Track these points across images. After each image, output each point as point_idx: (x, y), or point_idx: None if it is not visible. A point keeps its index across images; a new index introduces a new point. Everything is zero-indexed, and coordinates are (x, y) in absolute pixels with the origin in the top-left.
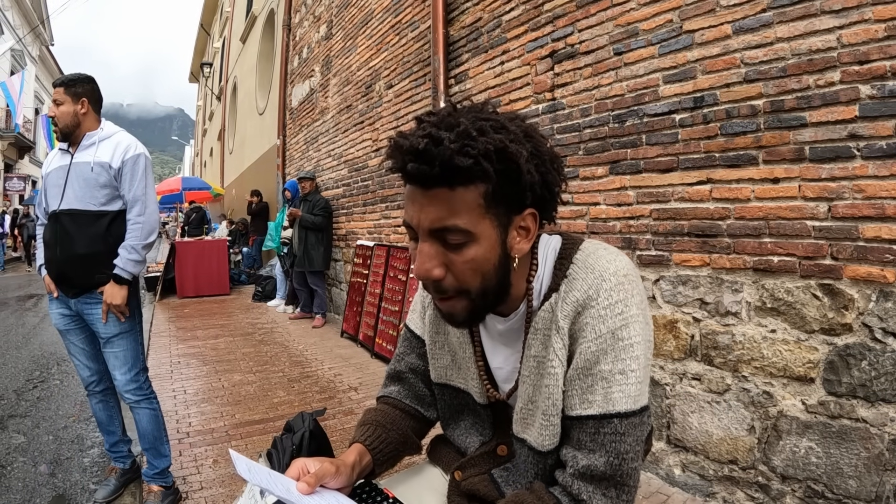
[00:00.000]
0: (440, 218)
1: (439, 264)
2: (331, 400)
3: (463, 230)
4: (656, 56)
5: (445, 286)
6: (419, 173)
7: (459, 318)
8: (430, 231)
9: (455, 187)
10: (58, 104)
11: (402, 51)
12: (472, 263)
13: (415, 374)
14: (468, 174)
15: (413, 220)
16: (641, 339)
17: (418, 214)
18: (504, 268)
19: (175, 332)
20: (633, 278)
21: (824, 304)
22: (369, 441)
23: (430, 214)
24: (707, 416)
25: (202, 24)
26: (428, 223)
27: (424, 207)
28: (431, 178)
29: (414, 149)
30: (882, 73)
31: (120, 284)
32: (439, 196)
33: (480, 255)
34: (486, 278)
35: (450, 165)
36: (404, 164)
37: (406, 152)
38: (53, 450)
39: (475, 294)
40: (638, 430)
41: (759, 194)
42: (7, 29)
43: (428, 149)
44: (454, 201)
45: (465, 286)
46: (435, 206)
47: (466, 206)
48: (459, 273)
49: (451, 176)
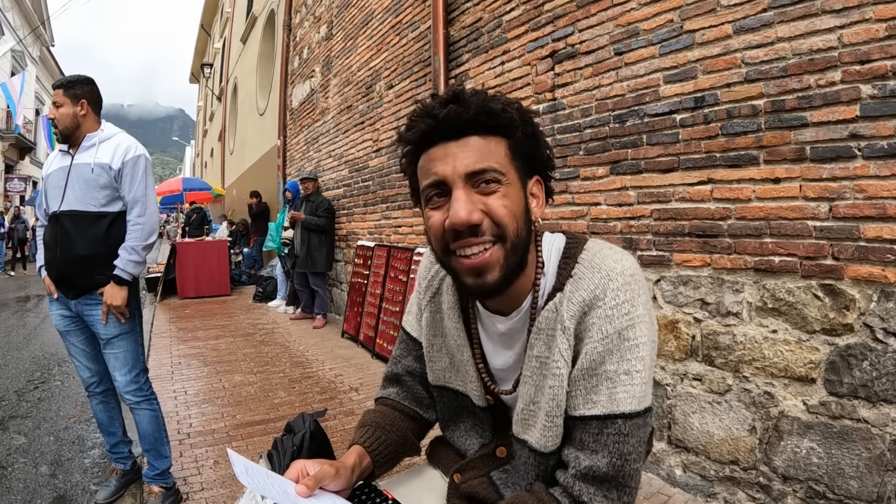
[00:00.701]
0: (477, 160)
1: (477, 209)
2: (332, 400)
3: (499, 171)
4: (657, 56)
5: (483, 229)
6: (455, 115)
7: (493, 271)
8: (468, 175)
9: (487, 136)
10: (57, 106)
11: (402, 51)
12: (507, 205)
13: (412, 376)
14: (497, 122)
15: (447, 171)
16: (647, 339)
17: (452, 163)
18: (528, 225)
19: (176, 332)
20: (638, 278)
21: (825, 304)
22: (368, 443)
23: (467, 159)
24: (708, 416)
25: (202, 24)
26: (463, 168)
27: (458, 155)
28: (466, 123)
29: (446, 99)
30: (883, 73)
31: (120, 285)
32: (472, 143)
33: (513, 200)
34: (519, 226)
35: (484, 108)
36: (434, 117)
37: (436, 105)
38: (54, 451)
39: (511, 239)
40: (641, 432)
41: (759, 194)
42: (7, 30)
43: (461, 97)
44: (487, 147)
45: (502, 229)
46: (469, 151)
47: (498, 153)
48: (497, 212)
49: (484, 121)
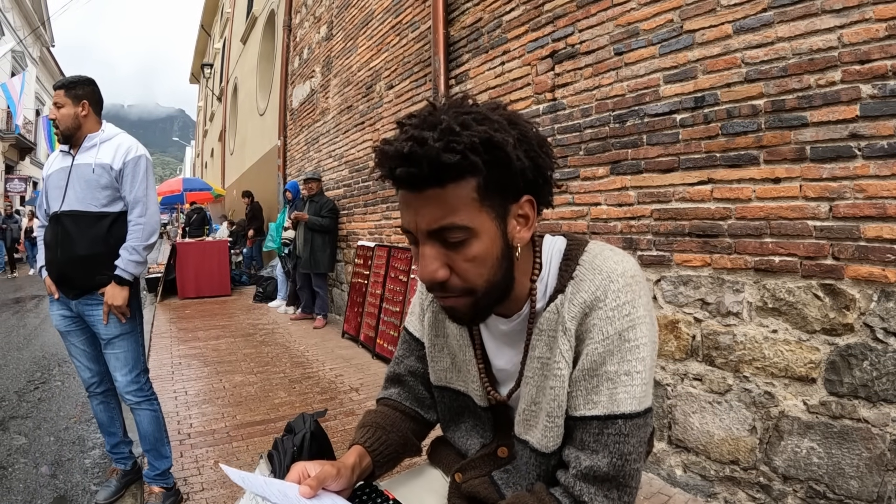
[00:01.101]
0: (437, 218)
1: (442, 265)
2: (332, 401)
3: (461, 227)
4: (657, 56)
5: (451, 286)
6: (408, 176)
7: (463, 315)
8: (429, 233)
9: (446, 185)
10: (58, 107)
11: (402, 51)
12: (475, 260)
13: (414, 376)
14: (457, 170)
15: (410, 225)
16: (648, 340)
17: (414, 218)
18: (508, 260)
19: (176, 332)
20: (639, 280)
21: (825, 304)
22: (369, 443)
23: (426, 216)
24: (708, 416)
25: (203, 24)
26: (425, 225)
27: (419, 210)
28: (421, 180)
29: (399, 153)
30: (883, 73)
31: (121, 285)
32: (432, 196)
33: (483, 250)
34: (491, 273)
35: (437, 164)
36: (392, 169)
37: (392, 158)
38: (55, 451)
39: (481, 292)
40: (641, 432)
41: (760, 194)
42: (8, 30)
43: (413, 151)
44: (448, 199)
45: (470, 285)
46: (430, 207)
47: (461, 202)
48: (463, 271)
49: (440, 174)
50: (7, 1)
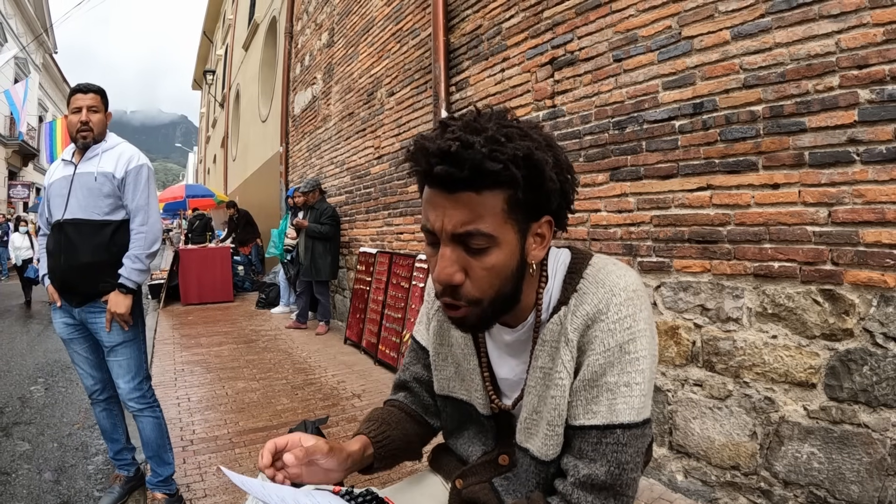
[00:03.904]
0: (465, 222)
1: (460, 269)
2: (334, 407)
3: (487, 234)
4: (655, 62)
5: (462, 293)
6: (447, 176)
7: (468, 324)
8: (454, 235)
9: (482, 192)
10: (94, 111)
11: (403, 58)
12: (492, 270)
13: (420, 383)
14: (496, 179)
15: (435, 225)
16: (647, 353)
17: (441, 219)
18: (520, 274)
19: (179, 339)
20: (641, 293)
21: (825, 309)
22: (374, 434)
23: (454, 218)
24: (709, 421)
25: (205, 31)
26: (451, 227)
27: (448, 211)
28: (459, 182)
29: (444, 151)
30: (881, 78)
31: (124, 293)
32: (464, 200)
33: (501, 261)
34: (503, 285)
35: (480, 169)
36: (430, 166)
37: (433, 154)
38: (58, 457)
39: (487, 303)
40: (639, 442)
41: (759, 200)
42: (10, 37)
43: (459, 152)
44: (479, 206)
45: (479, 296)
46: (459, 210)
47: (490, 211)
48: (478, 279)
49: (479, 180)
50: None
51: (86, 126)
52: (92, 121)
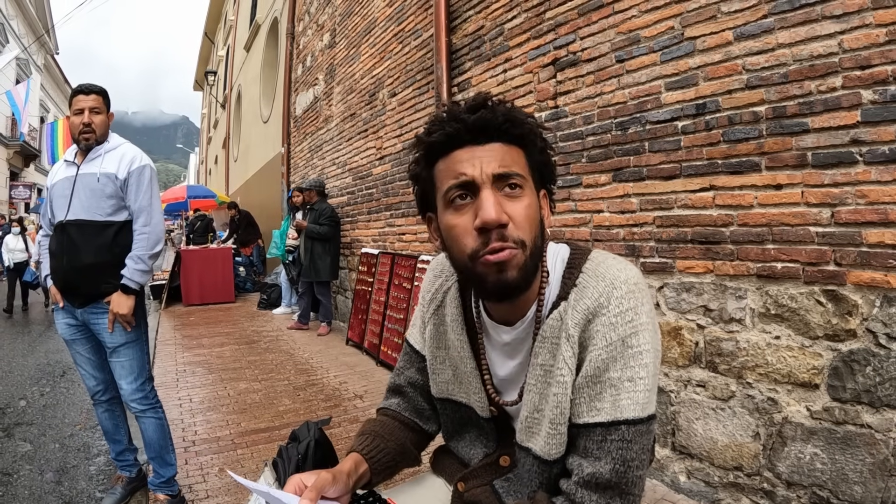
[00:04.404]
0: (503, 164)
1: (504, 211)
2: (336, 408)
3: (522, 175)
4: (658, 63)
5: (507, 234)
6: (483, 121)
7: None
8: (496, 176)
9: (511, 144)
10: (96, 112)
11: (405, 59)
12: (528, 212)
13: (414, 388)
14: (520, 135)
15: (475, 172)
16: (650, 346)
17: (479, 164)
18: (542, 234)
19: (181, 340)
20: (642, 287)
21: (828, 309)
22: (366, 450)
23: (494, 162)
24: (712, 422)
25: (206, 32)
26: (491, 170)
27: (485, 158)
28: (493, 129)
29: (474, 105)
30: (884, 78)
31: (127, 294)
32: (497, 149)
33: (533, 207)
34: (536, 234)
35: (510, 117)
36: (462, 121)
37: (465, 110)
38: (60, 458)
39: (529, 248)
40: (644, 439)
41: (761, 201)
42: (12, 38)
43: (489, 104)
44: (511, 154)
45: (523, 236)
46: (496, 154)
47: (518, 163)
48: (520, 220)
49: (509, 131)
50: (12, 9)
51: (88, 128)
52: (94, 122)
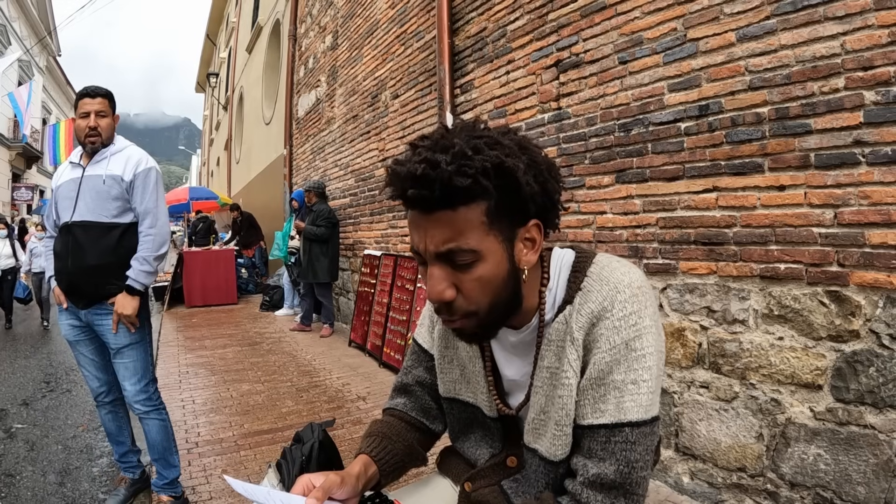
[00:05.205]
0: (445, 240)
1: (450, 286)
2: (339, 409)
3: (469, 250)
4: (661, 64)
5: (456, 307)
6: (420, 198)
7: (470, 335)
8: (438, 255)
9: (457, 208)
10: (102, 116)
11: (407, 61)
12: (480, 281)
13: (421, 387)
14: (468, 193)
15: (420, 246)
16: (654, 349)
17: (424, 239)
18: (514, 281)
19: (183, 341)
20: (646, 290)
21: (831, 310)
22: (375, 452)
23: (436, 238)
24: (715, 423)
25: (208, 34)
26: (434, 247)
27: (429, 231)
28: (432, 202)
29: (412, 175)
30: (887, 79)
31: (132, 295)
32: (442, 219)
33: (489, 273)
34: (496, 295)
35: (449, 187)
36: (404, 190)
37: (404, 179)
38: (62, 459)
39: (483, 314)
40: (648, 440)
41: (764, 202)
42: (14, 40)
43: (426, 173)
44: (457, 222)
45: (473, 307)
46: (439, 229)
47: (470, 226)
48: (469, 292)
49: (451, 197)
50: (14, 10)
51: (94, 131)
52: (100, 126)
